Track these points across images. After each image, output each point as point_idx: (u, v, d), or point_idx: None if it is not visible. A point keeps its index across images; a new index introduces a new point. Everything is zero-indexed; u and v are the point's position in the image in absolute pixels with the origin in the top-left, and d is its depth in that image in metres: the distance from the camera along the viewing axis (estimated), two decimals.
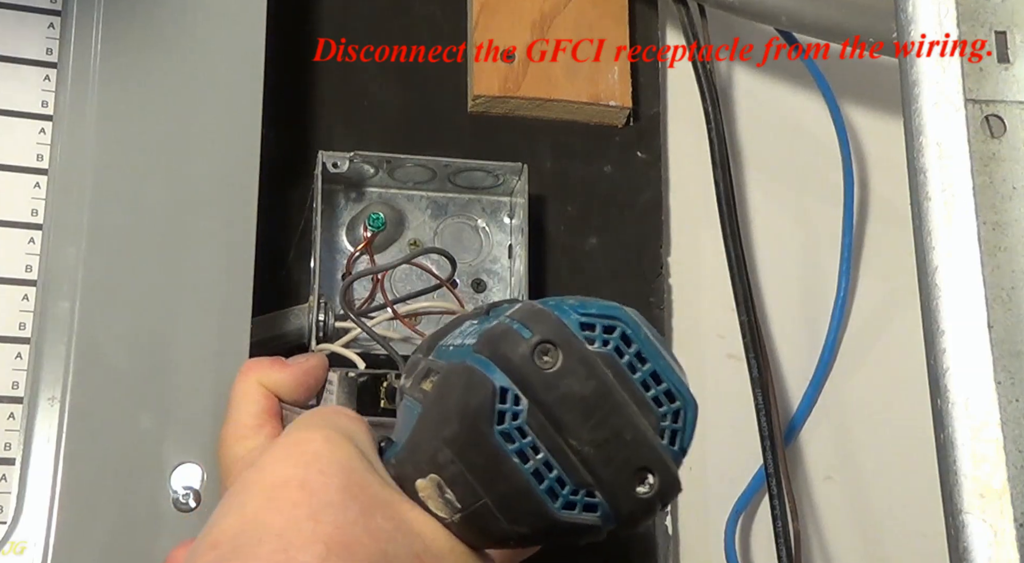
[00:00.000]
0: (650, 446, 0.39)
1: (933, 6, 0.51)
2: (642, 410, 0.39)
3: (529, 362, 0.39)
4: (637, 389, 0.39)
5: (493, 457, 0.38)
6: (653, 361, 0.39)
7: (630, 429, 0.39)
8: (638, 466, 0.39)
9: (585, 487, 0.39)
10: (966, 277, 0.47)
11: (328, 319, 0.68)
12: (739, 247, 0.76)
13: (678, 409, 0.40)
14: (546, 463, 0.38)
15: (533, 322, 0.39)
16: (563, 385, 0.38)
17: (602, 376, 0.39)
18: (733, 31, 0.86)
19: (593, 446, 0.38)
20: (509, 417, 0.38)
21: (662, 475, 0.39)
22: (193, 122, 0.64)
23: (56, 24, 0.64)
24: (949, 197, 0.48)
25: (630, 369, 0.39)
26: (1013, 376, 0.47)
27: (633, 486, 0.39)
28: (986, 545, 0.44)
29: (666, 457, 0.39)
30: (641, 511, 0.39)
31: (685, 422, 0.40)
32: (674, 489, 0.39)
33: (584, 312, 0.39)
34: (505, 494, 0.39)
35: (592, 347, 0.39)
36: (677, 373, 0.40)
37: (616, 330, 0.39)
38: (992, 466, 0.45)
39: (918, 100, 0.50)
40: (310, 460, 0.40)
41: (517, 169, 0.74)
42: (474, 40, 0.79)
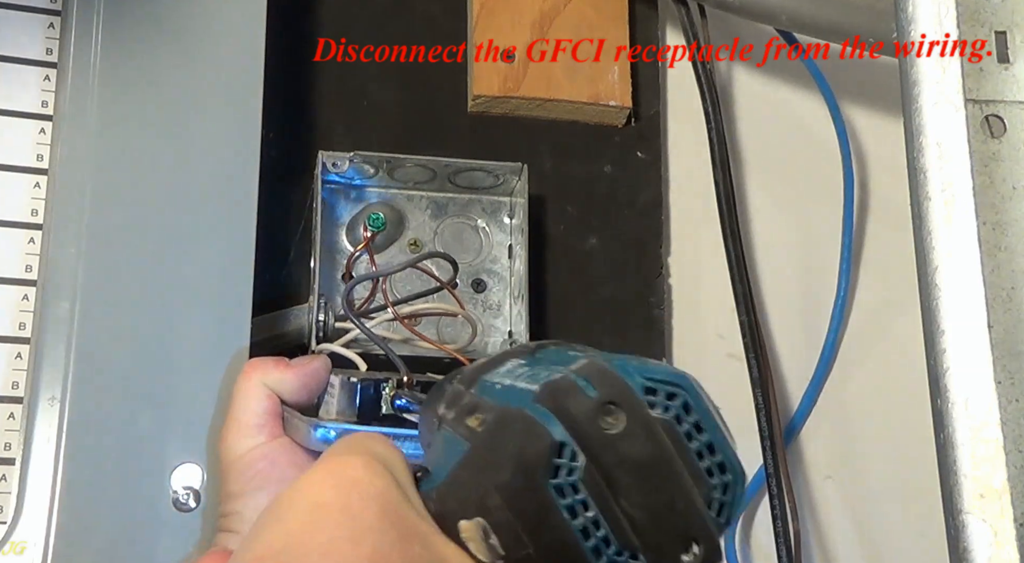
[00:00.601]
0: (699, 516, 0.39)
1: (933, 6, 0.51)
2: (695, 480, 0.39)
3: (592, 421, 0.39)
4: (693, 459, 0.39)
5: (544, 509, 0.39)
6: (710, 432, 0.40)
7: (682, 498, 0.39)
8: (686, 535, 0.39)
9: (630, 550, 0.39)
10: (966, 277, 0.48)
11: (328, 319, 0.69)
12: (739, 247, 0.76)
13: (729, 482, 0.40)
14: (595, 521, 0.39)
15: (599, 381, 0.39)
16: (623, 447, 0.39)
17: (661, 442, 0.39)
18: (733, 31, 0.86)
19: (644, 510, 0.39)
20: (565, 472, 0.39)
21: (707, 546, 0.39)
22: (193, 122, 0.64)
23: (56, 24, 0.64)
24: (949, 197, 0.48)
25: (688, 438, 0.39)
26: (1013, 376, 0.47)
27: (678, 554, 0.39)
28: (986, 545, 0.44)
29: (712, 528, 0.39)
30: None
31: (734, 496, 0.40)
32: (716, 560, 0.40)
33: (649, 376, 0.40)
34: (550, 547, 0.39)
35: (654, 412, 0.39)
36: (731, 446, 0.40)
37: (678, 398, 0.40)
38: (992, 466, 0.45)
39: (918, 100, 0.50)
40: (351, 485, 0.40)
41: (517, 169, 0.74)
42: (474, 40, 0.79)
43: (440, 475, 0.42)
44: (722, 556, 0.40)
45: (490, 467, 0.40)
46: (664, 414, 0.39)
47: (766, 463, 0.72)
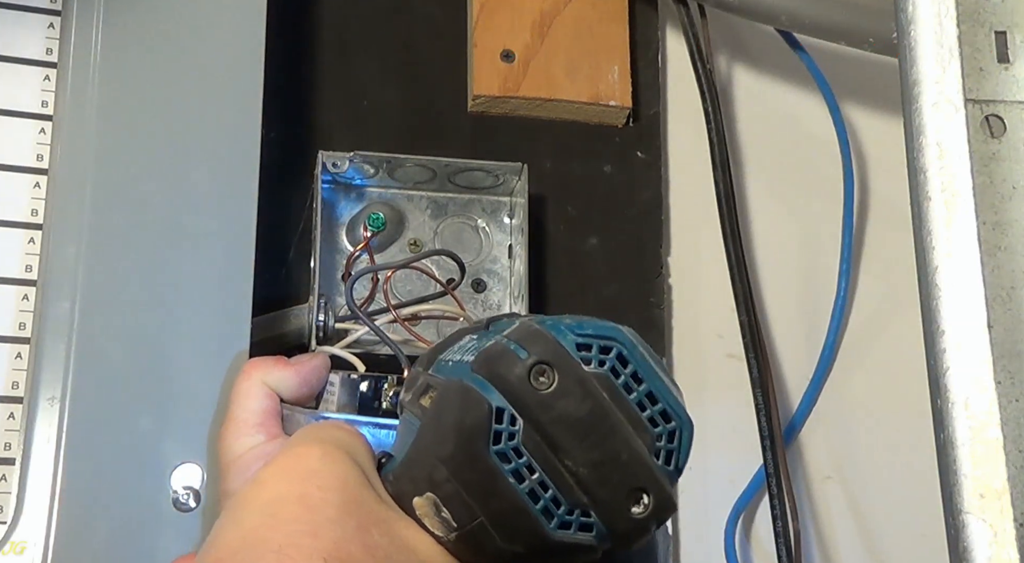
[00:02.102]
0: (645, 467, 0.39)
1: (933, 6, 0.51)
2: (637, 431, 0.39)
3: (525, 383, 0.39)
4: (633, 410, 0.39)
5: (489, 477, 0.39)
6: (649, 381, 0.40)
7: (625, 450, 0.39)
8: (633, 487, 0.39)
9: (580, 507, 0.39)
10: (966, 277, 0.48)
11: (328, 319, 0.68)
12: (739, 247, 0.76)
13: (673, 429, 0.40)
14: (541, 483, 0.39)
15: (530, 343, 0.39)
16: (559, 406, 0.39)
17: (598, 397, 0.39)
18: (733, 31, 0.86)
19: (588, 467, 0.39)
20: (505, 437, 0.39)
21: (657, 495, 0.39)
22: (193, 122, 0.64)
23: (56, 24, 0.64)
24: (949, 197, 0.48)
25: (626, 390, 0.39)
26: (1013, 376, 0.47)
27: (628, 506, 0.39)
28: (986, 545, 0.44)
29: (661, 477, 0.39)
30: (636, 531, 0.40)
31: (680, 442, 0.40)
32: (669, 509, 0.40)
33: (581, 332, 0.40)
34: (500, 513, 0.39)
35: (588, 368, 0.39)
36: (673, 393, 0.40)
37: (612, 350, 0.40)
38: (992, 466, 0.45)
39: (918, 100, 0.50)
40: (309, 475, 0.40)
41: (517, 169, 0.74)
42: (474, 40, 0.79)
43: (399, 457, 0.42)
44: (675, 505, 0.40)
45: (436, 441, 0.40)
46: (599, 368, 0.39)
47: (766, 463, 0.72)
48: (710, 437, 0.79)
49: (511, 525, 0.39)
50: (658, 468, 0.39)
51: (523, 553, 0.39)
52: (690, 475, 0.77)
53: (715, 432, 0.79)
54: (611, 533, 0.39)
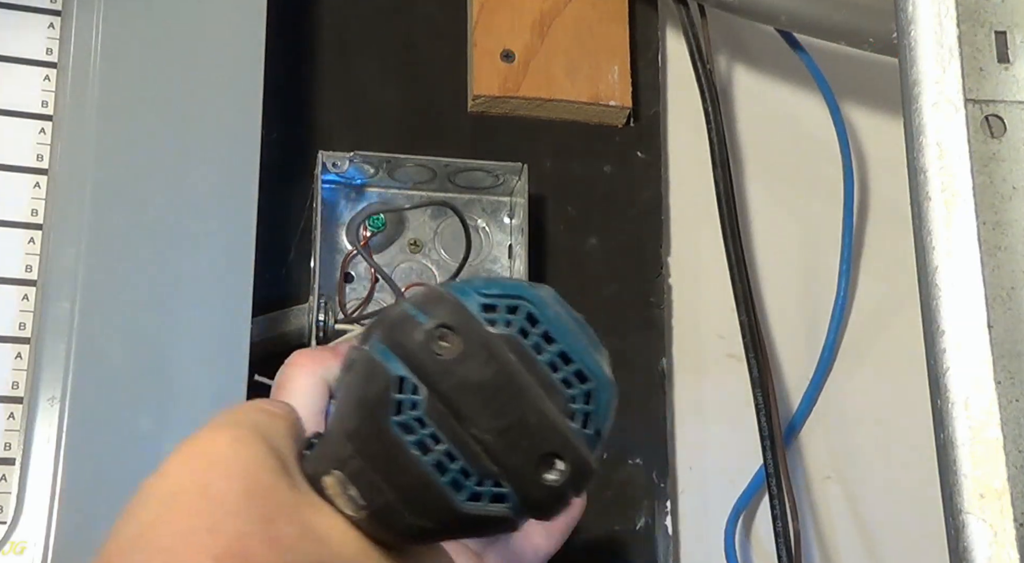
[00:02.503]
0: (556, 431, 0.37)
1: (933, 6, 0.51)
2: (549, 393, 0.37)
3: (426, 349, 0.37)
4: (544, 372, 0.37)
5: (392, 450, 0.37)
6: (562, 341, 0.37)
7: (534, 414, 0.37)
8: (544, 452, 0.37)
9: (491, 477, 0.37)
10: (966, 277, 0.48)
11: (328, 319, 0.69)
12: (739, 247, 0.76)
13: (590, 390, 0.37)
14: (448, 454, 0.37)
15: (430, 306, 0.37)
16: (461, 371, 0.37)
17: (503, 360, 0.37)
18: (733, 31, 0.86)
19: (496, 434, 0.36)
20: (407, 407, 0.37)
21: (572, 460, 0.37)
22: (193, 122, 0.64)
23: (56, 24, 0.64)
24: (949, 197, 0.48)
25: (536, 351, 0.37)
26: (1013, 376, 0.47)
27: (541, 473, 0.37)
28: (986, 545, 0.44)
29: (575, 441, 0.37)
30: (552, 499, 0.37)
31: (598, 404, 0.37)
32: (586, 474, 0.37)
33: (486, 293, 0.37)
34: (407, 488, 0.37)
35: (494, 329, 0.37)
36: (591, 353, 0.38)
37: (521, 310, 0.37)
38: (992, 466, 0.45)
39: (918, 100, 0.50)
40: (214, 464, 0.37)
41: (517, 169, 0.74)
42: (474, 40, 0.79)
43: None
44: (593, 470, 0.37)
45: (342, 417, 0.38)
46: (506, 329, 0.37)
47: (766, 463, 0.72)
48: (710, 437, 0.79)
49: (419, 500, 0.37)
50: (573, 431, 0.37)
51: (435, 528, 0.38)
52: (690, 475, 0.78)
53: (715, 432, 0.79)
54: (526, 502, 0.37)
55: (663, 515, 0.75)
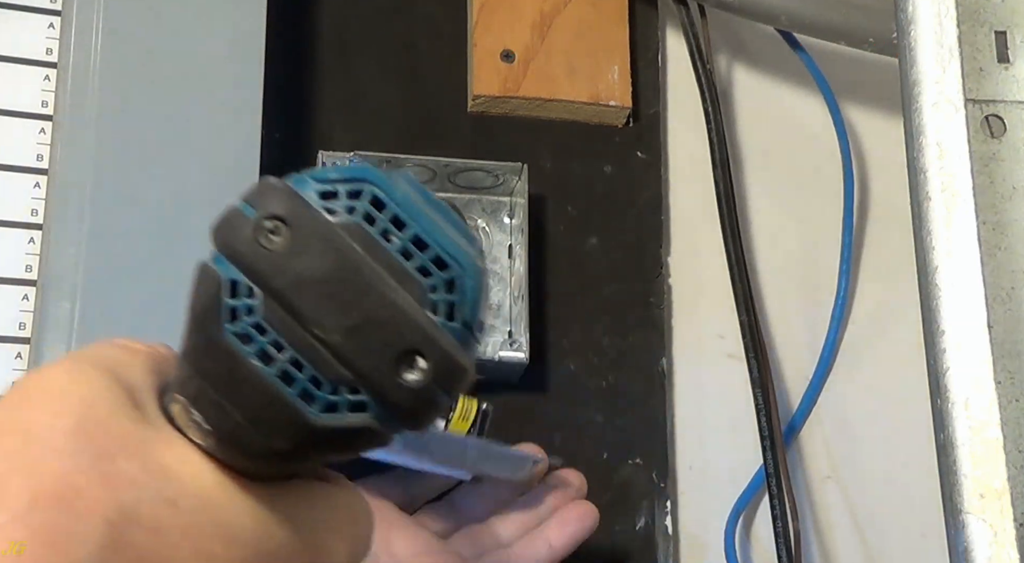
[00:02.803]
0: (413, 324, 0.32)
1: (933, 6, 0.51)
2: (404, 284, 0.33)
3: (254, 244, 0.33)
4: (395, 260, 0.33)
5: (231, 363, 0.33)
6: (415, 225, 0.33)
7: (386, 308, 0.32)
8: (401, 349, 0.32)
9: (345, 383, 0.33)
10: (966, 277, 0.48)
11: None
12: (739, 247, 0.76)
13: (452, 278, 0.33)
14: (294, 362, 0.32)
15: (260, 198, 0.33)
16: (296, 266, 0.32)
17: (344, 250, 0.32)
18: (733, 31, 0.86)
19: (343, 333, 0.32)
20: (243, 313, 0.33)
21: (435, 356, 0.32)
22: (193, 122, 0.64)
23: (56, 24, 0.64)
24: (949, 197, 0.48)
25: (384, 237, 0.33)
26: (1013, 376, 0.47)
27: (399, 373, 0.32)
28: (986, 545, 0.44)
29: (437, 335, 0.33)
30: (418, 402, 0.33)
31: (464, 292, 0.33)
32: (454, 371, 0.33)
33: (324, 179, 0.33)
34: (253, 405, 0.33)
35: (334, 218, 0.33)
36: (451, 237, 0.34)
37: (364, 194, 0.33)
38: (992, 466, 0.45)
39: (918, 100, 0.50)
40: (43, 400, 0.33)
41: (517, 169, 0.74)
42: (474, 40, 0.79)
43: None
44: (462, 366, 0.33)
45: (183, 336, 0.35)
46: (349, 217, 0.33)
47: (766, 463, 0.72)
48: (710, 437, 0.79)
49: (268, 417, 0.33)
50: (434, 324, 0.33)
51: (293, 448, 0.33)
52: (690, 475, 0.78)
53: (715, 432, 0.79)
54: (389, 409, 0.33)
55: (663, 515, 0.75)
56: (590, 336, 0.77)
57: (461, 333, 0.33)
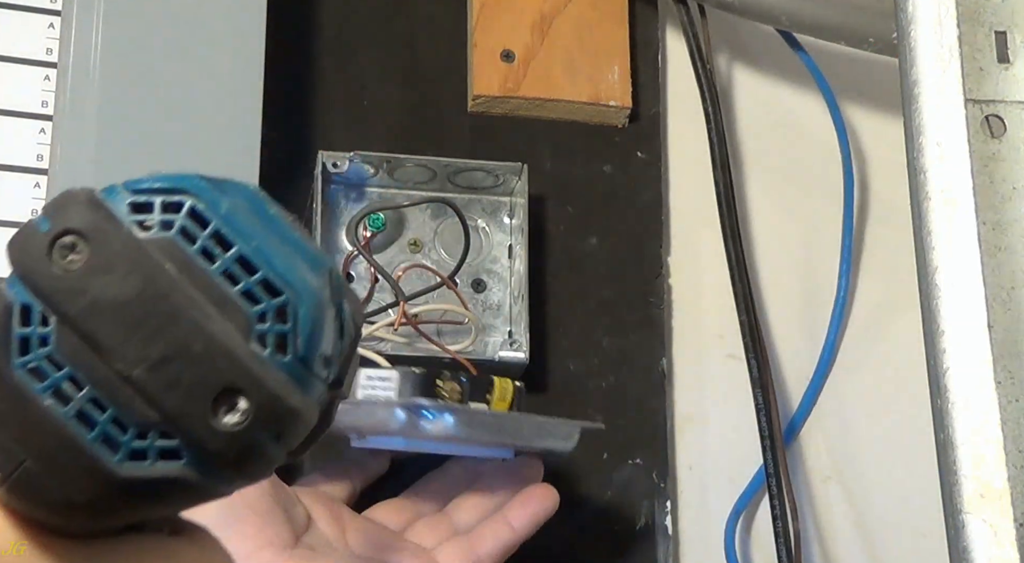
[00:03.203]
0: (231, 358, 0.28)
1: (933, 6, 0.51)
2: (224, 311, 0.28)
3: (47, 263, 0.28)
4: (217, 282, 0.29)
5: (19, 401, 0.28)
6: (243, 244, 0.29)
7: (200, 339, 0.28)
8: (217, 387, 0.28)
9: (153, 427, 0.28)
10: (966, 277, 0.48)
11: None
12: (739, 247, 0.76)
13: (283, 305, 0.29)
14: (94, 401, 0.28)
15: (58, 209, 0.29)
16: (94, 288, 0.28)
17: (152, 270, 0.28)
18: (733, 31, 0.86)
19: (149, 369, 0.28)
20: (36, 344, 0.28)
21: (257, 395, 0.28)
22: (193, 122, 0.64)
23: (56, 24, 0.64)
24: (949, 197, 0.48)
25: (206, 257, 0.29)
26: (1013, 376, 0.47)
27: (212, 415, 0.28)
28: (986, 545, 0.44)
29: (261, 370, 0.28)
30: (238, 448, 0.29)
31: (297, 321, 0.29)
32: (281, 412, 0.29)
33: (138, 188, 0.29)
34: (46, 450, 0.28)
35: (144, 234, 0.29)
36: (287, 259, 0.29)
37: (184, 207, 0.29)
38: (992, 466, 0.45)
39: (918, 100, 0.50)
40: None
41: (517, 169, 0.74)
42: (474, 40, 0.79)
43: None
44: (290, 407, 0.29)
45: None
46: (163, 232, 0.29)
47: (766, 463, 0.72)
48: (710, 437, 0.79)
49: (64, 464, 0.28)
50: (259, 359, 0.28)
51: (95, 501, 0.29)
52: (690, 474, 0.78)
53: (715, 432, 0.79)
54: (205, 456, 0.29)
55: (663, 515, 0.75)
56: (590, 336, 0.77)
57: (294, 369, 0.29)
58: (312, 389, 0.29)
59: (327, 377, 0.30)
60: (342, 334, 0.31)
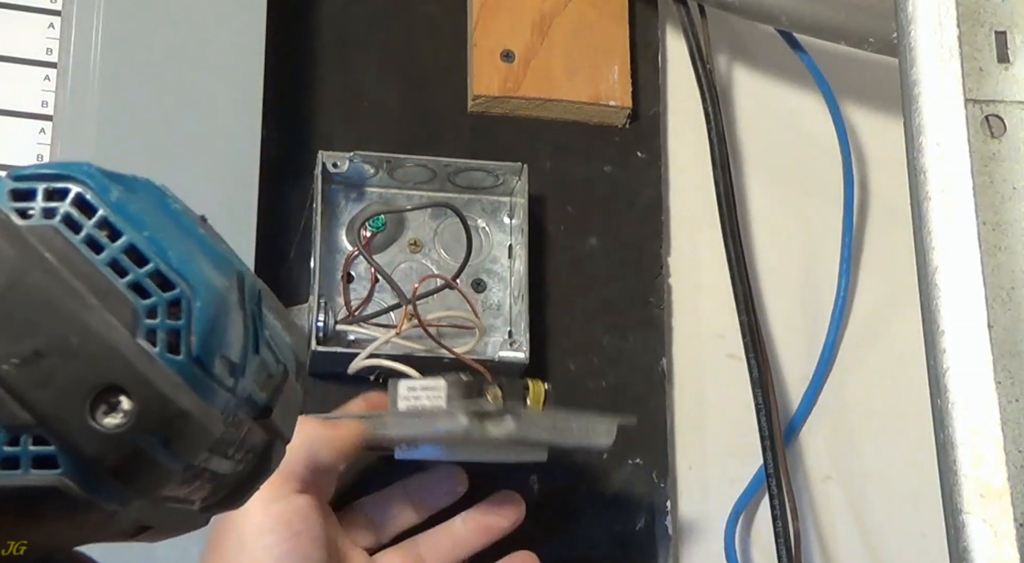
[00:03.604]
0: (113, 353, 0.26)
1: (933, 6, 0.51)
2: (109, 304, 0.27)
3: None
4: (101, 274, 0.27)
5: None
6: (133, 234, 0.27)
7: (78, 333, 0.26)
8: (97, 385, 0.26)
9: (24, 430, 0.26)
10: (966, 277, 0.48)
11: (328, 320, 0.68)
12: (739, 247, 0.76)
13: (176, 298, 0.27)
14: None
15: None
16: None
17: (28, 258, 0.27)
18: (733, 31, 0.86)
19: (20, 365, 0.26)
20: None
21: (142, 395, 0.26)
22: (193, 122, 0.64)
23: (56, 24, 0.64)
24: (949, 197, 0.48)
25: (91, 247, 0.27)
26: (1013, 376, 0.47)
27: (94, 416, 0.26)
28: (986, 545, 0.44)
29: (147, 368, 0.26)
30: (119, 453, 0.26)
31: (192, 318, 0.27)
32: (170, 415, 0.27)
33: (21, 175, 0.28)
34: None
35: (25, 220, 0.27)
36: (183, 251, 0.28)
37: (69, 195, 0.28)
38: (992, 466, 0.45)
39: (918, 100, 0.50)
40: None
41: (517, 169, 0.74)
42: (474, 40, 0.79)
43: None
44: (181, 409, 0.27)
45: None
46: (45, 220, 0.27)
47: (766, 463, 0.72)
48: (710, 437, 0.79)
49: None
50: (146, 355, 0.26)
51: None
52: (690, 475, 0.78)
53: (715, 432, 0.79)
54: (83, 462, 0.26)
55: (663, 515, 0.75)
56: (590, 336, 0.77)
57: (187, 369, 0.27)
58: (211, 394, 0.27)
59: (234, 387, 0.28)
60: (257, 347, 0.29)
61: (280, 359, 0.31)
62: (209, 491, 0.30)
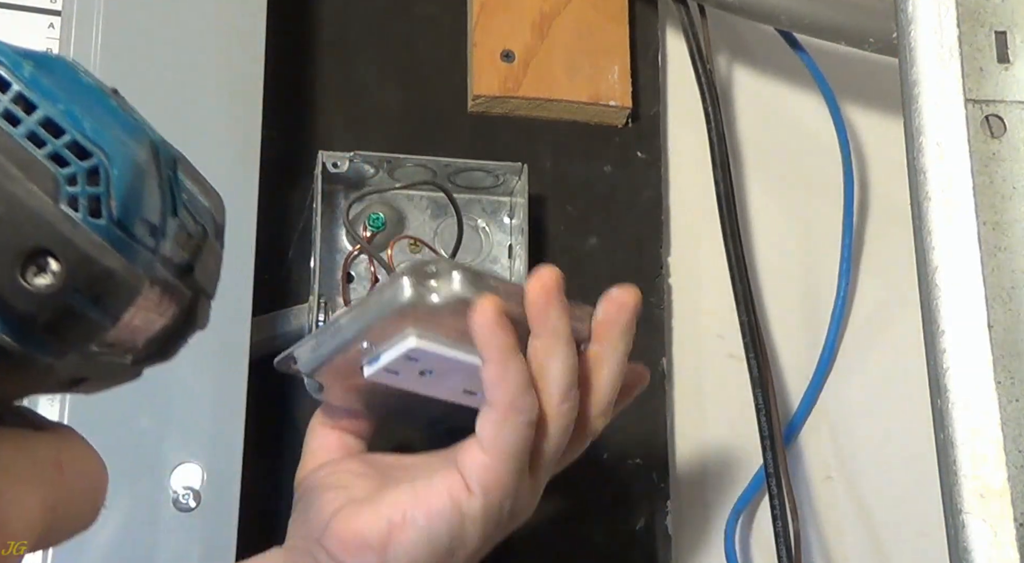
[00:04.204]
0: (38, 219, 0.28)
1: (933, 6, 0.51)
2: (30, 174, 0.28)
3: None
4: (20, 147, 0.28)
5: None
6: (48, 106, 0.29)
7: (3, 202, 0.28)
8: (25, 249, 0.28)
9: None
10: (966, 277, 0.48)
11: (328, 319, 0.68)
12: (739, 247, 0.76)
13: (94, 167, 0.29)
14: None
15: None
16: None
17: None
18: (733, 31, 0.86)
19: None
20: None
21: (68, 256, 0.28)
22: (193, 122, 0.64)
23: (56, 24, 0.64)
24: (949, 197, 0.48)
25: (8, 120, 0.29)
26: (1013, 376, 0.47)
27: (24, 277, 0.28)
28: (986, 545, 0.44)
29: (71, 231, 0.28)
30: (51, 310, 0.28)
31: (109, 183, 0.29)
32: (96, 273, 0.28)
33: None
34: None
35: None
36: (98, 121, 0.29)
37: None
38: (992, 466, 0.45)
39: (918, 100, 0.50)
40: None
41: (517, 169, 0.74)
42: (474, 40, 0.79)
43: None
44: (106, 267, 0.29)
45: None
46: None
47: (766, 463, 0.72)
48: (710, 437, 0.79)
49: None
50: (70, 220, 0.28)
51: None
52: (690, 475, 0.78)
53: (715, 432, 0.79)
54: (17, 320, 0.28)
55: (663, 515, 0.75)
56: None
57: (109, 231, 0.29)
58: (134, 254, 0.29)
59: (156, 247, 0.30)
60: (175, 209, 0.31)
61: (199, 221, 0.32)
62: (140, 344, 0.32)
